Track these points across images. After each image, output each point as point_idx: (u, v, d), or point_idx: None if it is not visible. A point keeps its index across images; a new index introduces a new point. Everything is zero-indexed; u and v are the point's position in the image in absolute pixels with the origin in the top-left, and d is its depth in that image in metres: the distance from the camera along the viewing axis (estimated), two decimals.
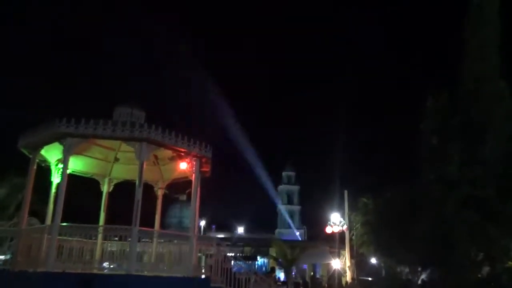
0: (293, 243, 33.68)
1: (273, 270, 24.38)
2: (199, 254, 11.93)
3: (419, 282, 13.49)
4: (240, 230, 47.04)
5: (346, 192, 25.69)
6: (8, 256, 11.66)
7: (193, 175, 11.67)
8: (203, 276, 11.27)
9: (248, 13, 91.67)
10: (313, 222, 50.23)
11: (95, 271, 10.73)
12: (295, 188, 64.12)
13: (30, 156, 11.54)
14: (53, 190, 11.51)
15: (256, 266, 31.39)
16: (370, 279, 25.65)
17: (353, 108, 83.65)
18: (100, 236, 11.56)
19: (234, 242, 34.08)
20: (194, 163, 11.58)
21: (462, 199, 5.61)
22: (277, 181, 64.71)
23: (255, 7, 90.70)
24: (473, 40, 9.48)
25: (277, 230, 59.33)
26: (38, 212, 14.72)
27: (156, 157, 12.71)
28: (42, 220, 12.30)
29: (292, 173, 64.58)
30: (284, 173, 64.60)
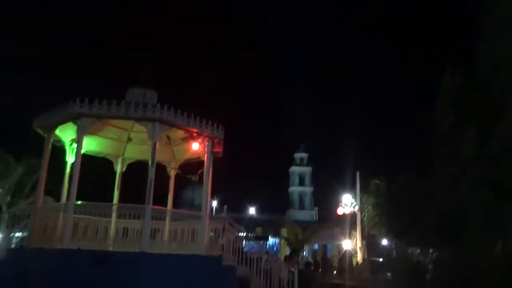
0: (304, 224, 33.93)
1: (295, 252, 24.10)
2: (211, 234, 12.07)
3: (430, 264, 13.52)
4: (252, 211, 47.32)
5: (358, 173, 25.68)
6: (25, 234, 11.94)
7: (205, 155, 11.73)
8: (215, 255, 11.43)
9: None
10: (324, 203, 50.40)
11: (109, 248, 10.95)
12: (307, 169, 64.13)
13: (45, 136, 11.71)
14: (68, 169, 11.69)
15: (268, 246, 31.68)
16: (381, 260, 25.76)
17: (367, 88, 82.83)
18: (114, 214, 11.75)
19: (245, 222, 34.35)
20: (206, 143, 11.63)
21: (477, 178, 5.53)
22: (289, 162, 64.86)
23: None
24: (494, 15, 9.17)
25: (288, 211, 59.67)
26: (53, 191, 14.99)
27: (168, 137, 12.79)
28: (58, 199, 12.54)
29: (304, 155, 64.52)
30: (296, 155, 64.56)
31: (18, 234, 12.50)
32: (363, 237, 25.02)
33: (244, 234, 13.06)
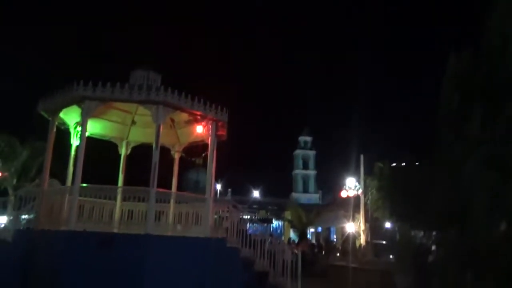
0: (308, 207, 34.10)
1: (303, 235, 23.99)
2: (215, 216, 12.16)
3: (433, 246, 13.60)
4: (256, 194, 47.56)
5: (362, 156, 25.63)
6: (31, 216, 12.07)
7: (209, 138, 11.74)
8: (219, 237, 11.54)
9: None
10: (328, 186, 50.58)
11: (114, 230, 11.06)
12: (311, 153, 64.26)
13: (50, 119, 11.74)
14: (73, 152, 11.75)
15: (271, 228, 31.92)
16: (384, 242, 25.90)
17: (372, 71, 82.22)
18: (119, 197, 11.85)
19: (249, 205, 34.57)
20: (210, 126, 11.63)
21: (483, 159, 5.49)
22: (293, 146, 64.93)
23: None
24: None
25: (292, 195, 59.94)
26: (58, 174, 15.10)
27: (172, 120, 12.79)
28: (63, 182, 12.63)
29: (308, 138, 64.56)
30: (300, 138, 64.62)
31: (24, 216, 12.63)
32: (366, 220, 25.08)
33: (248, 216, 13.13)
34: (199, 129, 11.86)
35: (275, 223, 36.63)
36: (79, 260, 9.39)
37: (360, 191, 24.76)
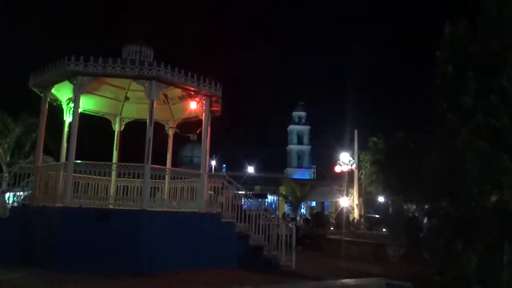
0: (302, 182, 34.36)
1: (318, 216, 24.19)
2: (210, 192, 12.24)
3: (425, 219, 13.83)
4: (250, 169, 47.75)
5: (356, 131, 25.74)
6: (27, 192, 12.10)
7: (203, 114, 11.71)
8: (214, 212, 11.64)
9: None
10: (323, 162, 50.88)
11: (110, 206, 11.13)
12: (305, 128, 64.33)
13: (41, 95, 11.62)
14: (66, 129, 11.69)
15: (266, 203, 32.18)
16: (377, 216, 26.29)
17: (365, 44, 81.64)
18: (114, 173, 11.87)
19: (244, 180, 34.75)
20: (204, 102, 11.57)
21: (476, 129, 5.52)
22: (287, 121, 64.92)
23: None
24: None
25: (286, 170, 60.30)
26: (52, 151, 15.07)
27: (166, 96, 12.71)
28: (57, 159, 12.62)
29: (302, 113, 64.53)
30: (294, 113, 64.55)
31: (20, 193, 12.65)
32: (360, 195, 25.39)
33: (243, 192, 13.22)
34: (193, 104, 11.80)
35: (270, 198, 36.93)
36: (76, 235, 9.48)
37: (354, 166, 24.94)
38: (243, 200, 12.61)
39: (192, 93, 11.45)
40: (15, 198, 12.83)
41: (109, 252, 9.42)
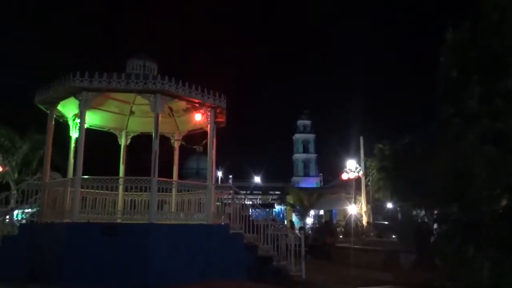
0: (309, 190, 34.27)
1: (327, 225, 23.93)
2: (218, 203, 12.22)
3: (435, 225, 13.70)
4: (257, 179, 47.66)
5: (361, 138, 25.67)
6: (35, 209, 12.13)
7: (208, 125, 11.73)
8: (222, 223, 11.61)
9: None
10: (329, 169, 50.68)
11: (118, 220, 11.13)
12: (311, 136, 64.20)
13: (48, 112, 11.71)
14: (72, 144, 11.76)
15: (274, 213, 32.08)
16: (386, 223, 26.07)
17: (369, 51, 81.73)
18: (121, 187, 11.89)
19: (251, 190, 34.69)
20: (209, 113, 11.61)
21: (482, 133, 5.50)
22: (292, 130, 64.88)
23: None
24: None
25: (293, 179, 60.13)
26: (59, 167, 15.14)
27: (171, 109, 12.77)
28: (64, 174, 12.67)
29: (307, 122, 64.45)
30: (299, 122, 64.48)
31: (28, 210, 12.70)
32: (368, 201, 25.23)
33: (251, 202, 13.19)
34: (198, 116, 11.85)
35: (277, 207, 36.81)
36: (84, 250, 9.47)
37: (361, 173, 24.84)
38: (250, 211, 12.57)
39: (197, 105, 11.50)
40: (23, 216, 12.88)
41: (117, 266, 9.39)
